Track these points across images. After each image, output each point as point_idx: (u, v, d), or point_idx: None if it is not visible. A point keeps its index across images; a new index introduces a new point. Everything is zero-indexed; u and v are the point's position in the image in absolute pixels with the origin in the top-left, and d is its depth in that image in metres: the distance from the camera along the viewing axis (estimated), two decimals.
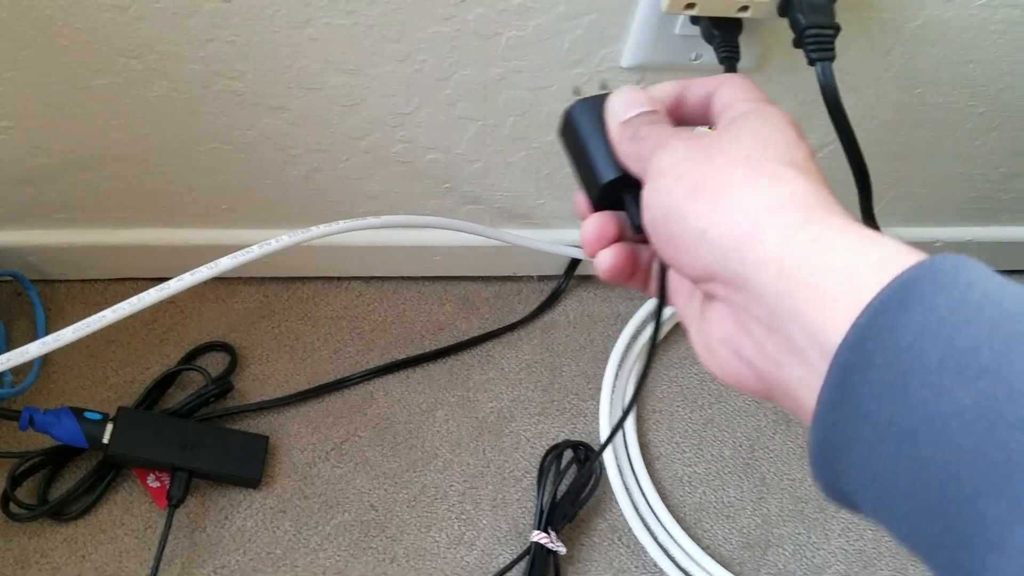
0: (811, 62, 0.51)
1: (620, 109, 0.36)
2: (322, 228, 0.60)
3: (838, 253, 0.27)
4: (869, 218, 0.59)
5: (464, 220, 0.69)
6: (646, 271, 0.39)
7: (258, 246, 0.56)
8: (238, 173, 0.66)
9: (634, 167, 0.35)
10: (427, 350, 0.74)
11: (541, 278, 0.80)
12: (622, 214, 0.38)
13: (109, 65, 0.57)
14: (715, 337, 0.33)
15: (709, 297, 0.33)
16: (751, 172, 0.31)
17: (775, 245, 0.28)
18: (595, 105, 0.38)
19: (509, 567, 0.65)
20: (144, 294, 0.54)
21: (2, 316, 0.72)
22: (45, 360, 0.71)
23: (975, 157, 0.73)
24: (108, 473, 0.66)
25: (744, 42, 0.55)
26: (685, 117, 0.38)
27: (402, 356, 0.74)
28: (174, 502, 0.64)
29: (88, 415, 0.64)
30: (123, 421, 0.64)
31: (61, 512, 0.64)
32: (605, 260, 0.38)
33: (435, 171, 0.68)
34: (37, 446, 0.65)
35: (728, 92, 0.36)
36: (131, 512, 0.66)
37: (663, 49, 0.58)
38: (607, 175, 0.37)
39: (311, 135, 0.63)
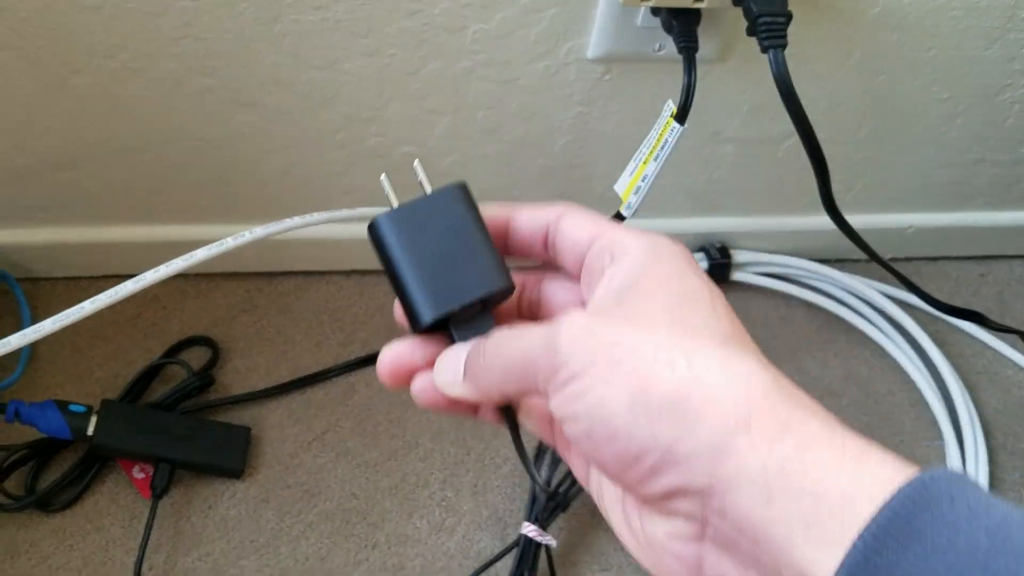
0: (764, 49, 0.52)
1: (450, 375, 0.32)
2: (296, 220, 0.61)
3: (828, 475, 0.24)
4: (829, 204, 0.61)
5: None
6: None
7: (232, 238, 0.57)
8: (215, 170, 0.67)
9: (512, 389, 0.30)
10: None
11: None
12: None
13: (84, 65, 0.59)
14: (661, 543, 0.29)
15: (656, 506, 0.29)
16: (698, 365, 0.27)
17: (756, 463, 0.25)
18: (406, 218, 0.33)
19: (496, 559, 0.66)
20: (121, 286, 0.55)
21: None
22: (31, 356, 0.72)
23: (943, 143, 0.74)
24: (94, 465, 0.67)
25: (703, 32, 0.57)
26: (512, 251, 0.34)
27: (383, 348, 0.75)
28: (158, 492, 0.66)
29: (72, 408, 0.65)
30: (107, 413, 0.66)
31: (48, 503, 0.66)
32: (423, 398, 0.33)
33: (409, 165, 0.69)
34: (23, 439, 0.66)
35: (578, 228, 0.32)
36: (117, 503, 0.67)
37: (626, 41, 0.60)
38: (425, 316, 0.32)
39: (285, 131, 0.65)
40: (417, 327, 0.33)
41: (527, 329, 0.30)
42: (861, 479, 0.24)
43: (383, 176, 0.36)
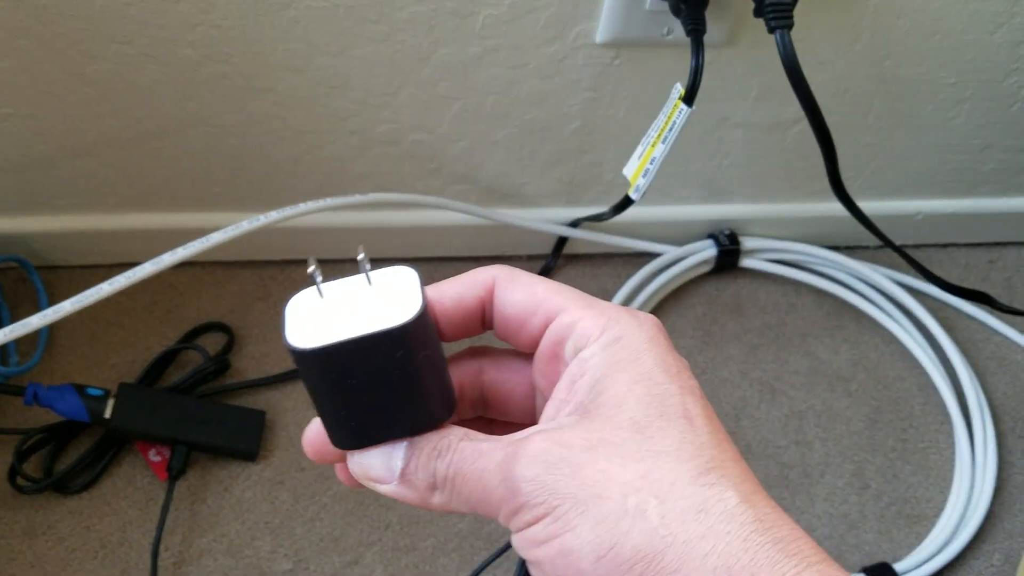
0: (771, 30, 0.53)
1: (381, 471, 0.28)
2: (310, 204, 0.62)
3: None
4: (837, 185, 0.61)
5: (452, 199, 0.71)
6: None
7: (247, 221, 0.59)
8: (229, 156, 0.68)
9: (465, 510, 0.28)
10: None
11: (530, 257, 0.82)
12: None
13: (102, 51, 0.60)
14: None
15: None
16: (667, 509, 0.25)
17: None
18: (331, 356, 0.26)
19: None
20: (139, 267, 0.57)
21: (7, 301, 0.74)
22: (49, 341, 0.73)
23: (951, 129, 0.74)
24: (111, 447, 0.68)
25: (711, 15, 0.57)
26: (446, 337, 0.30)
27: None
28: (174, 474, 0.67)
29: (90, 391, 0.66)
30: (124, 397, 0.67)
31: (66, 485, 0.67)
32: (350, 484, 0.30)
33: (421, 151, 0.70)
34: (42, 423, 0.67)
35: (519, 300, 0.29)
36: (133, 485, 0.68)
37: (635, 25, 0.60)
38: (341, 445, 0.28)
39: (298, 117, 0.66)
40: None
41: (482, 450, 0.27)
42: None
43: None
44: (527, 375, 0.32)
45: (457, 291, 0.30)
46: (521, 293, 0.29)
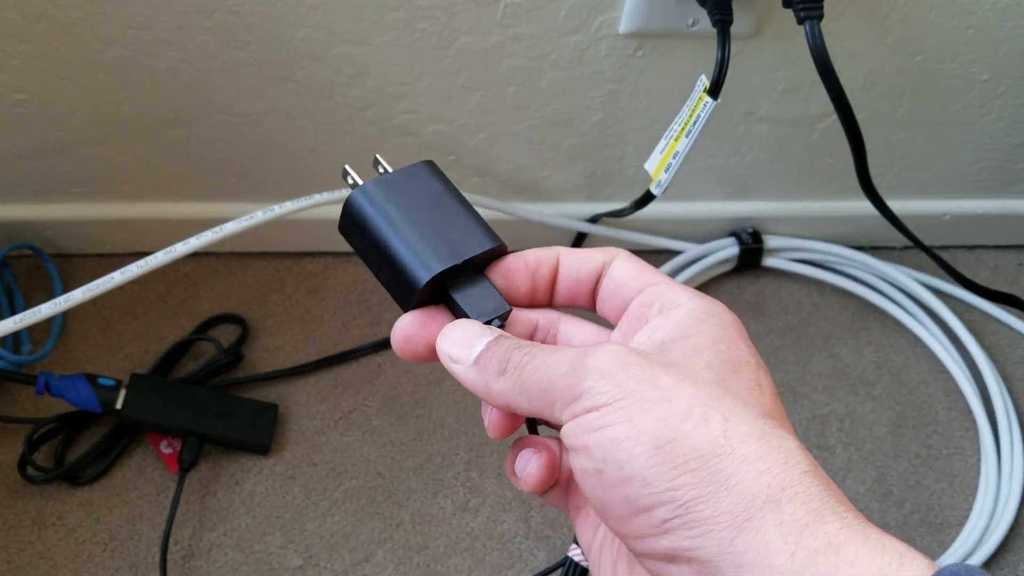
0: (800, 21, 0.51)
1: (459, 350, 0.30)
2: (325, 195, 0.61)
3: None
4: (865, 182, 0.60)
5: (470, 193, 0.70)
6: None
7: (262, 211, 0.58)
8: (245, 146, 0.68)
9: (520, 403, 0.28)
10: None
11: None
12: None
13: (119, 36, 0.59)
14: None
15: (650, 570, 0.27)
16: (732, 431, 0.25)
17: (782, 547, 0.23)
18: (383, 188, 0.31)
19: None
20: (151, 256, 0.56)
21: (21, 288, 0.74)
22: (62, 329, 0.73)
23: (982, 126, 0.73)
24: (122, 438, 0.67)
25: (738, 6, 0.56)
26: (556, 295, 0.33)
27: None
28: (185, 467, 0.66)
29: (102, 381, 0.65)
30: (136, 387, 0.66)
31: (76, 476, 0.66)
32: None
33: (440, 142, 0.69)
34: (53, 412, 0.67)
35: (628, 274, 0.31)
36: (144, 476, 0.67)
37: (660, 15, 0.59)
38: (422, 276, 0.30)
39: (316, 106, 0.65)
40: (411, 294, 0.31)
41: (558, 349, 0.28)
42: None
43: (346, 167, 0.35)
44: (602, 338, 0.32)
45: (581, 253, 0.32)
46: (632, 266, 0.31)
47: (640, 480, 0.25)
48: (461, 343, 0.30)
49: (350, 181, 0.34)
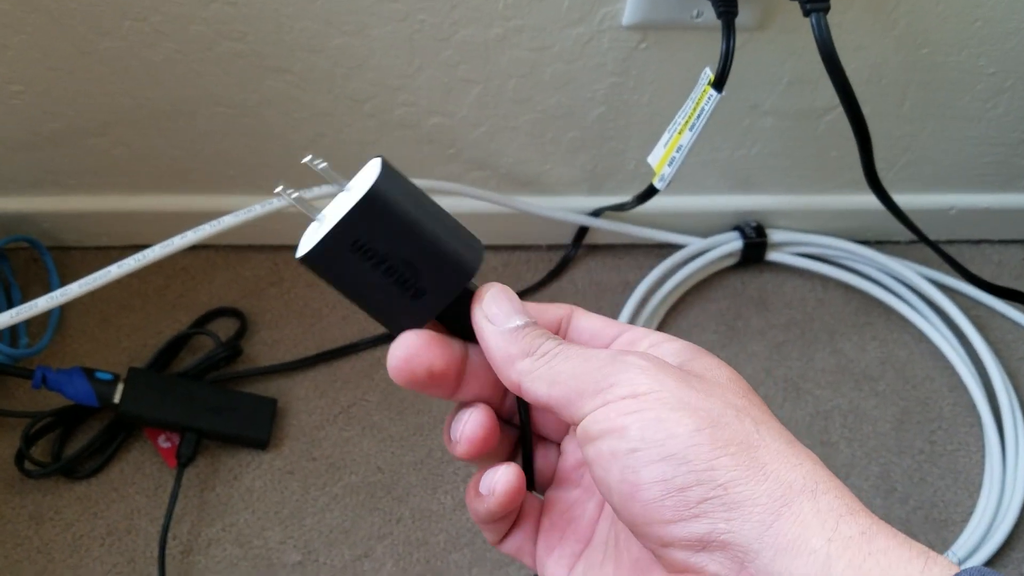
0: (806, 13, 0.50)
1: (500, 314, 0.29)
2: (324, 188, 0.60)
3: (897, 568, 0.23)
4: (871, 176, 0.59)
5: (471, 187, 0.70)
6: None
7: (259, 205, 0.57)
8: (244, 137, 0.67)
9: (538, 389, 0.28)
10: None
11: (549, 247, 0.80)
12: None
13: (115, 27, 0.58)
14: None
15: (674, 563, 0.26)
16: (764, 432, 0.26)
17: (820, 533, 0.24)
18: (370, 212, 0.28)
19: None
20: (148, 250, 0.55)
21: (18, 281, 0.73)
22: (60, 323, 0.72)
23: (988, 120, 0.72)
24: (120, 433, 0.67)
25: None
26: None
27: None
28: (184, 461, 0.65)
29: (99, 375, 0.65)
30: (134, 381, 0.65)
31: (74, 470, 0.66)
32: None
33: (439, 135, 0.68)
34: (51, 406, 0.66)
35: (597, 323, 0.31)
36: (142, 471, 0.67)
37: (663, 6, 0.58)
38: (463, 277, 0.29)
39: (314, 98, 0.64)
40: (424, 313, 0.29)
41: (592, 348, 0.29)
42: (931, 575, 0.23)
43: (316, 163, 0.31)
44: (615, 327, 0.32)
45: (537, 306, 0.32)
46: (598, 318, 0.31)
47: (680, 458, 0.25)
48: (504, 309, 0.29)
49: (318, 217, 0.30)
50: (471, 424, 0.30)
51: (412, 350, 0.29)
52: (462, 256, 0.29)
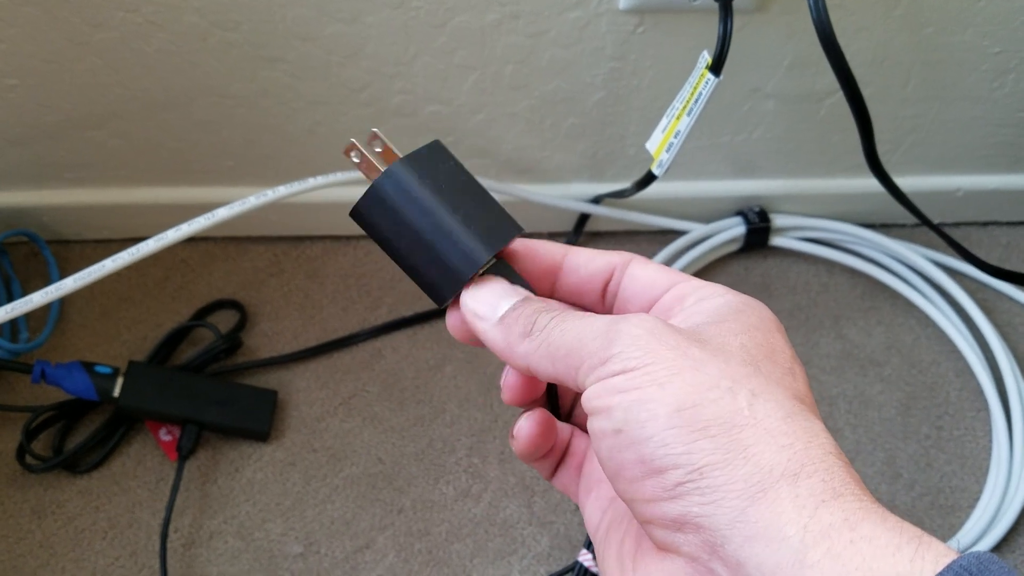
0: None
1: (485, 308, 0.30)
2: (319, 179, 0.60)
3: (882, 556, 0.22)
4: (872, 160, 0.58)
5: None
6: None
7: (255, 196, 0.57)
8: (240, 128, 0.66)
9: (544, 367, 0.28)
10: (434, 307, 0.74)
11: (550, 235, 0.80)
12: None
13: (108, 19, 0.58)
14: None
15: (656, 539, 0.26)
16: (758, 406, 0.25)
17: (796, 520, 0.23)
18: (412, 170, 0.30)
19: None
20: (143, 244, 0.55)
21: (18, 275, 0.73)
22: (59, 317, 0.72)
23: (994, 100, 0.71)
24: (120, 426, 0.67)
25: None
26: (560, 291, 0.32)
27: (410, 313, 0.74)
28: (184, 454, 0.65)
29: (99, 369, 0.65)
30: (133, 375, 0.65)
31: (75, 464, 0.66)
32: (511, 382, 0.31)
33: (437, 124, 0.67)
34: (52, 400, 0.66)
35: (654, 273, 0.31)
36: (143, 464, 0.67)
37: None
38: (480, 257, 0.30)
39: (310, 87, 0.63)
40: (457, 283, 0.30)
41: (587, 315, 0.28)
42: (922, 564, 0.22)
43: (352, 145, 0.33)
44: (667, 277, 0.31)
45: (592, 252, 0.32)
46: (656, 267, 0.31)
47: (658, 440, 0.24)
48: (487, 301, 0.30)
49: (355, 159, 0.32)
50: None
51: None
52: (458, 262, 0.30)
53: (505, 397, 0.31)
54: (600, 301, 0.32)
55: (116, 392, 0.64)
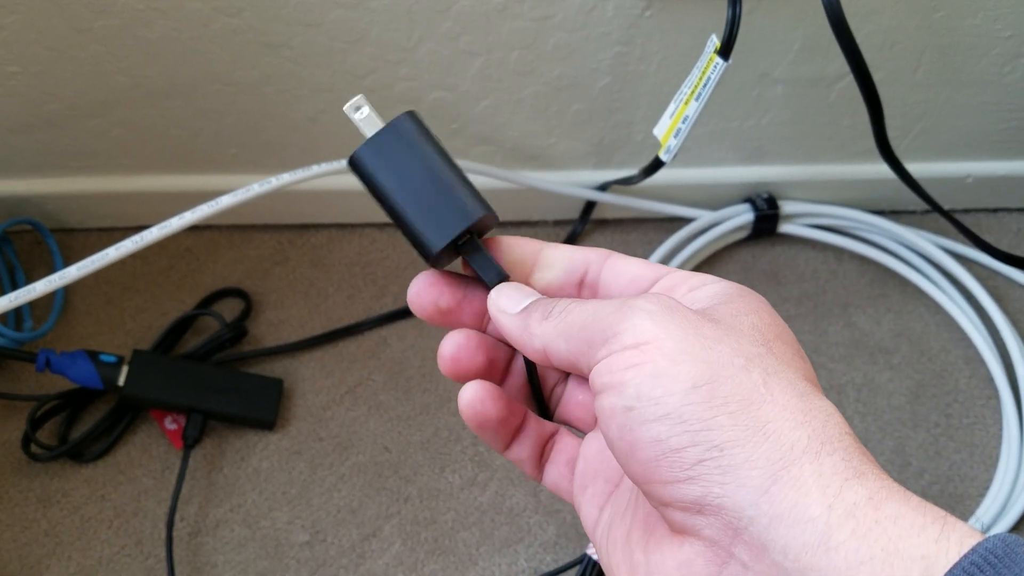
0: None
1: (511, 303, 0.30)
2: (323, 167, 0.59)
3: (908, 535, 0.22)
4: (883, 145, 0.57)
5: (475, 162, 0.68)
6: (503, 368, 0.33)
7: (258, 184, 0.56)
8: (244, 115, 0.66)
9: (558, 346, 0.28)
10: None
11: (556, 222, 0.79)
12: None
13: (110, 5, 0.57)
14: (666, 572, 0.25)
15: (672, 524, 0.25)
16: (773, 384, 0.24)
17: (820, 499, 0.22)
18: (378, 150, 0.31)
19: (555, 573, 0.62)
20: (146, 232, 0.55)
21: (22, 264, 0.73)
22: (64, 305, 0.72)
23: (1005, 85, 0.70)
24: (125, 415, 0.67)
25: None
26: (539, 291, 0.32)
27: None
28: (190, 443, 0.65)
29: (103, 358, 0.64)
30: (138, 363, 0.65)
31: (81, 453, 0.66)
32: (448, 348, 0.32)
33: (442, 110, 0.67)
34: (56, 389, 0.66)
35: (636, 267, 0.30)
36: (149, 453, 0.67)
37: None
38: (437, 242, 0.31)
39: (314, 74, 0.63)
40: (427, 256, 0.31)
41: (603, 300, 0.28)
42: (947, 545, 0.21)
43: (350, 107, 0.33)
44: (651, 270, 0.31)
45: (567, 248, 0.32)
46: (637, 261, 0.31)
47: (675, 417, 0.24)
48: (513, 298, 0.30)
49: (361, 114, 0.33)
50: (447, 341, 0.32)
51: (417, 287, 0.32)
52: (426, 239, 0.31)
53: (443, 366, 0.32)
54: (576, 293, 0.32)
55: (121, 381, 0.64)
